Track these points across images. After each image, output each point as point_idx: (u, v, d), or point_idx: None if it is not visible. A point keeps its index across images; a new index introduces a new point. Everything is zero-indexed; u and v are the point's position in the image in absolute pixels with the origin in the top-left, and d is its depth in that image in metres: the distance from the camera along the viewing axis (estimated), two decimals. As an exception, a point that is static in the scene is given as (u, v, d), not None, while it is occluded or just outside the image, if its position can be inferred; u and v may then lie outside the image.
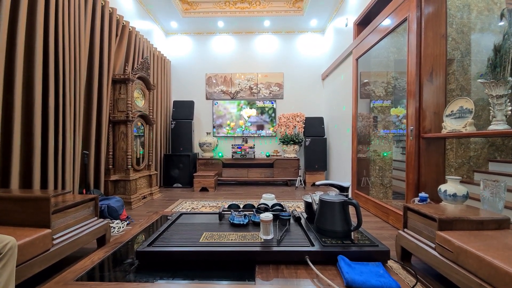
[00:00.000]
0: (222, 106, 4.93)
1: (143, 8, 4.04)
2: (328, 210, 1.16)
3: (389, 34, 2.58)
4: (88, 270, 0.97)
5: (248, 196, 3.64)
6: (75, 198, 1.64)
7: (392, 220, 2.37)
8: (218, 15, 4.46)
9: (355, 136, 3.31)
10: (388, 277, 0.89)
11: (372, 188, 3.12)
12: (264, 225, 1.12)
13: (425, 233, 1.37)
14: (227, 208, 1.57)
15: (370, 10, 2.98)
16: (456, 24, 2.50)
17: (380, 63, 3.24)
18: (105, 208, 2.29)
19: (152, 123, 3.55)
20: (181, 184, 4.30)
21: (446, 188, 1.64)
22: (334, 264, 1.01)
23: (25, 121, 1.96)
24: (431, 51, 2.06)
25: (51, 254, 1.30)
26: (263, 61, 5.00)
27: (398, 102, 3.07)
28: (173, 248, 1.05)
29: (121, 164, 3.02)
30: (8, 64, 1.82)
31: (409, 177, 2.15)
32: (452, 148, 2.48)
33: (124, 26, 3.25)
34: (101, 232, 1.71)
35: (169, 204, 3.16)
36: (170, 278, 0.93)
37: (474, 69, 2.47)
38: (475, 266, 1.01)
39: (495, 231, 1.23)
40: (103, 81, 2.80)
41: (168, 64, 4.84)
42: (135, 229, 1.43)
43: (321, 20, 4.58)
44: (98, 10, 2.73)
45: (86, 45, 2.58)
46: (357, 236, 1.17)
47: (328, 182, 1.39)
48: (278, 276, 0.94)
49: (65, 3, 2.26)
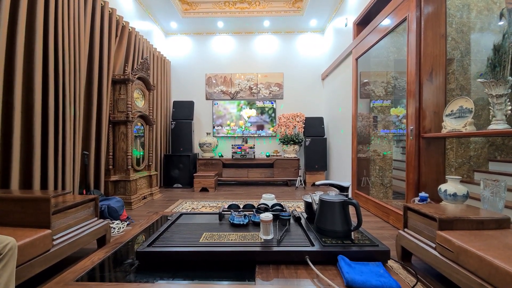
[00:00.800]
0: (222, 106, 4.93)
1: (143, 9, 4.04)
2: (328, 210, 1.17)
3: (389, 34, 2.58)
4: (88, 270, 0.97)
5: (248, 196, 3.64)
6: (75, 198, 1.64)
7: (392, 220, 2.37)
8: (218, 15, 4.46)
9: (355, 136, 3.31)
10: (388, 277, 0.88)
11: (372, 188, 3.12)
12: (264, 225, 1.12)
13: (426, 233, 1.37)
14: (227, 208, 1.57)
15: (370, 10, 2.98)
16: (455, 23, 2.50)
17: (380, 63, 3.24)
18: (105, 209, 2.29)
19: (152, 124, 3.56)
20: (181, 184, 4.30)
21: (446, 187, 1.64)
22: (334, 264, 1.01)
23: (25, 122, 1.96)
24: (430, 51, 2.06)
25: (51, 254, 1.30)
26: (263, 61, 5.00)
27: (398, 102, 3.07)
28: (173, 248, 1.05)
29: (121, 165, 3.02)
30: (8, 64, 1.82)
31: (409, 177, 2.15)
32: (452, 148, 2.48)
33: (124, 26, 3.25)
34: (101, 232, 1.71)
35: (169, 204, 3.16)
36: (170, 278, 0.93)
37: (474, 68, 2.47)
38: (476, 265, 1.01)
39: (495, 231, 1.23)
40: (103, 82, 2.80)
41: (168, 65, 4.84)
42: (135, 230, 1.43)
43: (321, 20, 4.58)
44: (98, 11, 2.73)
45: (86, 46, 2.59)
46: (357, 236, 1.17)
47: (328, 182, 1.39)
48: (278, 276, 0.94)
49: (64, 4, 2.26)
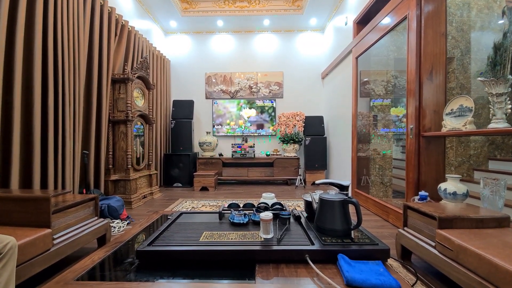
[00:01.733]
0: (222, 105, 4.92)
1: (142, 7, 4.03)
2: (328, 209, 1.17)
3: (389, 33, 2.57)
4: (88, 269, 0.98)
5: (248, 195, 3.64)
6: (75, 198, 1.64)
7: (392, 219, 2.37)
8: (218, 14, 4.45)
9: (355, 135, 3.31)
10: (388, 275, 0.89)
11: (372, 187, 3.12)
12: (264, 224, 1.12)
13: (425, 232, 1.37)
14: (227, 207, 1.57)
15: (370, 9, 2.97)
16: (456, 22, 2.49)
17: (380, 61, 3.23)
18: (105, 208, 2.29)
19: (152, 123, 3.55)
20: (181, 183, 4.30)
21: (446, 186, 1.64)
22: (334, 263, 1.01)
23: (25, 121, 1.95)
24: (431, 50, 2.05)
25: (51, 254, 1.30)
26: (263, 60, 4.99)
27: (398, 101, 3.07)
28: (173, 247, 1.05)
29: (121, 164, 3.01)
30: (7, 64, 1.81)
31: (409, 176, 2.15)
32: (452, 147, 2.48)
33: (123, 25, 3.24)
34: (101, 231, 1.71)
35: (169, 203, 3.16)
36: (170, 277, 0.93)
37: (474, 67, 2.47)
38: (475, 264, 1.02)
39: (495, 229, 1.23)
40: (103, 81, 2.79)
41: (168, 64, 4.83)
42: (135, 229, 1.43)
43: (321, 19, 4.57)
44: (97, 9, 2.72)
45: (85, 45, 2.58)
46: (357, 234, 1.17)
47: (328, 181, 1.39)
48: (278, 275, 0.94)
49: (64, 3, 2.25)
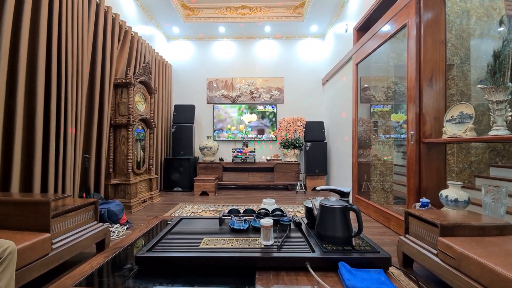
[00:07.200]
0: (222, 110, 4.94)
1: (146, 14, 4.09)
2: (329, 215, 1.16)
3: (389, 40, 2.60)
4: (87, 275, 0.97)
5: (249, 200, 3.63)
6: (75, 202, 1.64)
7: (393, 226, 2.35)
8: (220, 21, 4.51)
9: (355, 141, 3.31)
10: (390, 284, 0.88)
11: (373, 193, 3.11)
12: (265, 230, 1.11)
13: (427, 239, 1.36)
14: (227, 213, 1.56)
15: (370, 16, 3.01)
16: (455, 30, 2.52)
17: (380, 68, 3.26)
18: (105, 212, 2.29)
19: (153, 127, 3.57)
20: (181, 188, 4.29)
21: (448, 193, 1.63)
22: (335, 271, 1.00)
23: (27, 125, 1.97)
24: (430, 57, 2.07)
25: (50, 258, 1.29)
26: (264, 66, 5.04)
27: (398, 107, 3.08)
28: (173, 253, 1.05)
29: (121, 168, 3.02)
30: (11, 68, 1.84)
31: (410, 182, 2.14)
32: (453, 153, 2.48)
33: (127, 31, 3.28)
34: (100, 236, 1.70)
35: (169, 208, 3.15)
36: (169, 284, 0.92)
37: (473, 74, 2.48)
38: (477, 272, 1.01)
39: (497, 237, 1.22)
40: (105, 85, 2.82)
41: (170, 69, 4.87)
42: (135, 234, 1.42)
43: (321, 26, 4.62)
44: (101, 15, 2.76)
45: (89, 50, 2.61)
46: (358, 242, 1.16)
47: (328, 187, 1.39)
48: (279, 283, 0.93)
49: (68, 8, 2.29)
